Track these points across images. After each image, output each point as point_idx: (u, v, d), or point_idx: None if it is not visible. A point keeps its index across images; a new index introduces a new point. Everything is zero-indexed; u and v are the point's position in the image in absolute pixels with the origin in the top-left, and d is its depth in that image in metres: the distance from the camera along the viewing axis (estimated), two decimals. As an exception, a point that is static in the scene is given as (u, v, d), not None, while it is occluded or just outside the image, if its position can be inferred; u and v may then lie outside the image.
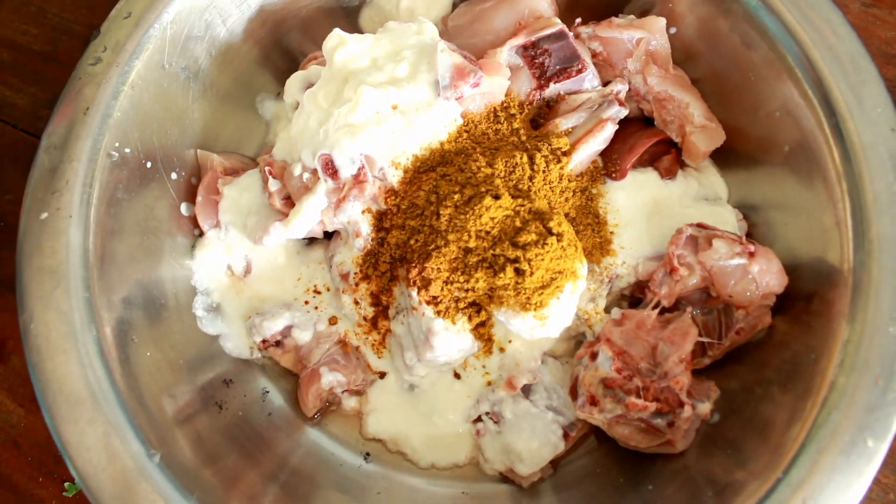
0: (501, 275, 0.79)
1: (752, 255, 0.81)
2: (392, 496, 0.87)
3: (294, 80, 0.91)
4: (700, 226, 0.84)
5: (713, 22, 0.92)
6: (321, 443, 0.90)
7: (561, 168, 0.86)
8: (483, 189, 0.80)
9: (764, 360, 0.83)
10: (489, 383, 0.89)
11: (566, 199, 0.87)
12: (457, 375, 0.90)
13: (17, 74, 1.12)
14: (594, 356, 0.83)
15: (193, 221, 0.92)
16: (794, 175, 0.86)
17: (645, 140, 0.91)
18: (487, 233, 0.80)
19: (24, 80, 1.11)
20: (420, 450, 0.89)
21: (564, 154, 0.86)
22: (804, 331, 0.80)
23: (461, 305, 0.82)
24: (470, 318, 0.83)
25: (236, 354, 0.91)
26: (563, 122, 0.88)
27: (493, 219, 0.79)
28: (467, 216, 0.79)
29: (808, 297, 0.81)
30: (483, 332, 0.85)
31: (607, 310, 0.89)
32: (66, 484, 0.94)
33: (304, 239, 0.93)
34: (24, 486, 0.94)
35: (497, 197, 0.79)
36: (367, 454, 0.90)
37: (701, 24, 0.93)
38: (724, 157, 0.95)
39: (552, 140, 0.86)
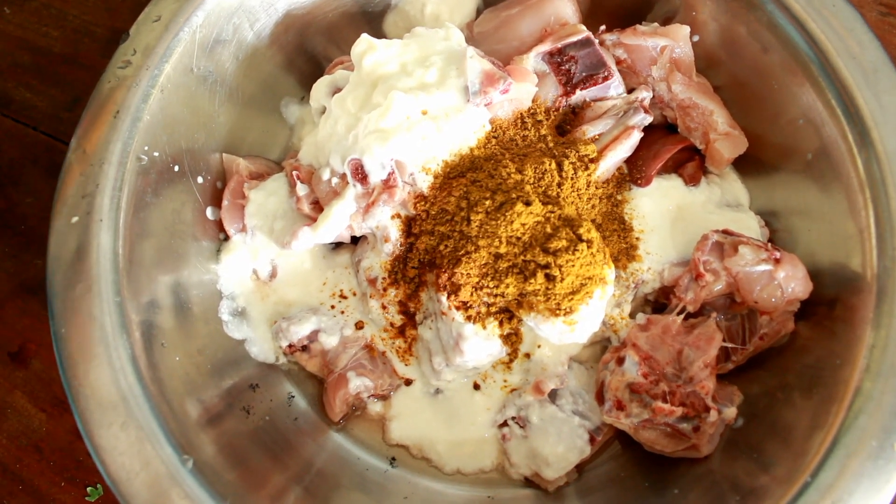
0: (532, 280, 0.79)
1: (777, 261, 0.82)
2: (418, 501, 0.87)
3: (321, 85, 0.91)
4: (726, 232, 0.85)
5: (735, 30, 0.93)
6: (346, 447, 0.90)
7: (588, 175, 0.86)
8: (514, 195, 0.81)
9: (786, 366, 0.84)
10: (512, 391, 0.89)
11: (593, 206, 0.87)
12: (476, 387, 0.90)
13: (38, 77, 1.11)
14: (621, 361, 0.83)
15: (219, 225, 0.92)
16: (816, 182, 0.87)
17: (669, 147, 0.92)
18: (518, 239, 0.80)
19: (45, 83, 1.11)
20: (445, 456, 0.89)
21: (592, 161, 0.86)
22: (827, 336, 0.80)
23: (492, 310, 0.82)
24: (501, 325, 0.83)
25: (262, 359, 0.91)
26: (590, 130, 0.88)
27: (523, 225, 0.80)
28: (498, 222, 0.80)
29: (830, 302, 0.82)
30: (514, 339, 0.85)
31: (632, 315, 0.89)
32: (89, 489, 0.94)
33: (330, 243, 0.93)
34: (46, 490, 0.94)
35: (528, 203, 0.80)
36: (393, 459, 0.90)
37: (723, 31, 0.94)
38: (745, 164, 0.95)
39: (579, 147, 0.86)
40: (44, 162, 1.07)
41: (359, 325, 0.92)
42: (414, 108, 0.82)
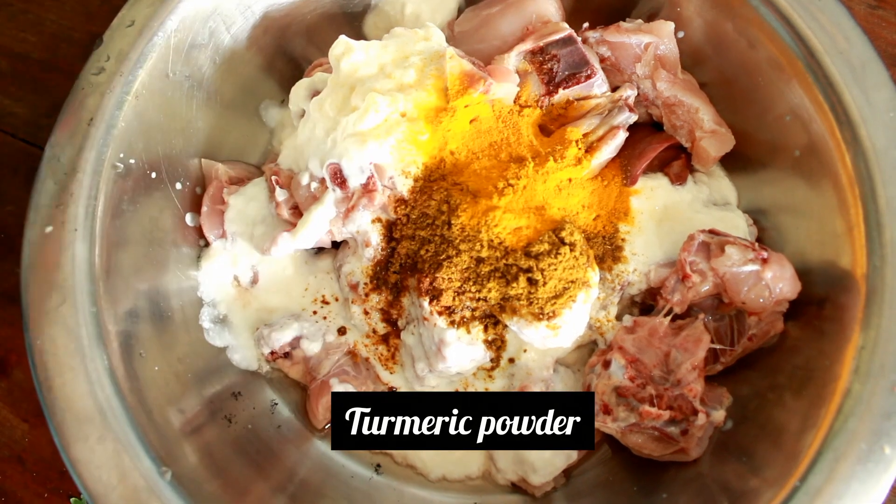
0: (514, 284, 0.78)
1: (765, 261, 0.81)
2: (404, 508, 0.86)
3: (299, 88, 0.90)
4: (712, 232, 0.84)
5: (721, 26, 0.91)
6: (331, 454, 0.89)
7: (572, 176, 0.85)
8: (495, 198, 0.79)
9: (776, 366, 0.83)
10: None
11: (576, 210, 0.86)
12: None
13: (16, 83, 1.10)
14: (607, 364, 0.82)
15: (199, 232, 0.91)
16: (804, 180, 0.85)
17: (655, 146, 0.91)
18: (500, 242, 0.79)
19: (24, 89, 1.10)
20: (430, 463, 0.88)
21: (576, 162, 0.85)
22: (817, 336, 0.79)
23: (476, 314, 0.81)
24: (486, 329, 0.82)
25: (244, 366, 0.90)
26: (574, 129, 0.87)
27: (505, 228, 0.79)
28: (480, 226, 0.78)
29: (819, 302, 0.81)
30: (499, 345, 0.84)
31: (619, 317, 0.88)
32: (72, 499, 0.93)
33: (311, 248, 0.92)
34: (28, 501, 0.93)
35: (510, 206, 0.79)
36: (378, 466, 0.89)
37: (709, 27, 0.93)
38: (733, 162, 0.94)
39: (563, 147, 0.85)
40: (23, 170, 1.06)
41: (341, 331, 0.91)
42: (392, 111, 0.81)
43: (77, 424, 0.72)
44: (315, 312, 0.92)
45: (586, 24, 0.94)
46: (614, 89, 0.92)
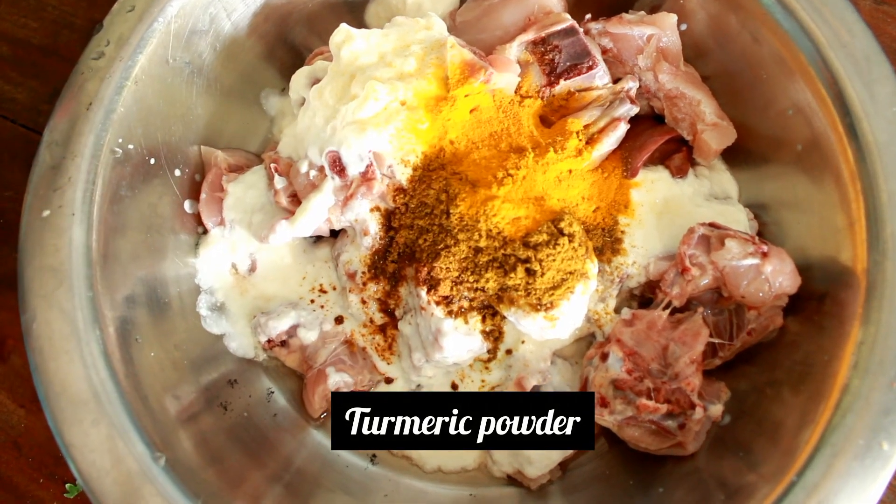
0: (512, 275, 0.78)
1: (765, 255, 0.80)
2: (399, 498, 0.86)
3: (300, 76, 0.89)
4: (712, 225, 0.83)
5: (724, 18, 0.91)
6: (327, 444, 0.89)
7: (572, 167, 0.84)
8: (494, 188, 0.79)
9: (775, 361, 0.82)
10: (492, 389, 0.88)
11: (576, 201, 0.85)
12: (454, 387, 0.89)
13: (17, 69, 1.10)
14: (605, 357, 0.82)
15: (197, 219, 0.91)
16: (806, 174, 0.85)
17: (656, 138, 0.90)
18: (499, 232, 0.79)
19: (24, 75, 1.10)
20: (425, 454, 0.88)
21: (577, 153, 0.85)
22: (816, 332, 0.79)
23: (475, 305, 0.81)
24: (484, 320, 0.82)
25: (241, 354, 0.90)
26: (575, 121, 0.86)
27: (504, 218, 0.78)
28: (478, 215, 0.78)
29: (820, 297, 0.80)
30: (496, 335, 0.84)
31: (617, 310, 0.87)
32: (68, 485, 0.93)
33: (310, 237, 0.91)
34: (24, 487, 0.93)
35: (509, 196, 0.78)
36: (374, 456, 0.89)
37: (712, 20, 0.92)
38: (734, 156, 0.94)
39: (564, 139, 0.84)
40: (23, 155, 1.05)
41: (339, 320, 0.90)
42: (391, 99, 0.80)
43: (71, 408, 0.71)
44: (312, 301, 0.91)
45: (588, 16, 0.94)
46: (616, 81, 0.91)
